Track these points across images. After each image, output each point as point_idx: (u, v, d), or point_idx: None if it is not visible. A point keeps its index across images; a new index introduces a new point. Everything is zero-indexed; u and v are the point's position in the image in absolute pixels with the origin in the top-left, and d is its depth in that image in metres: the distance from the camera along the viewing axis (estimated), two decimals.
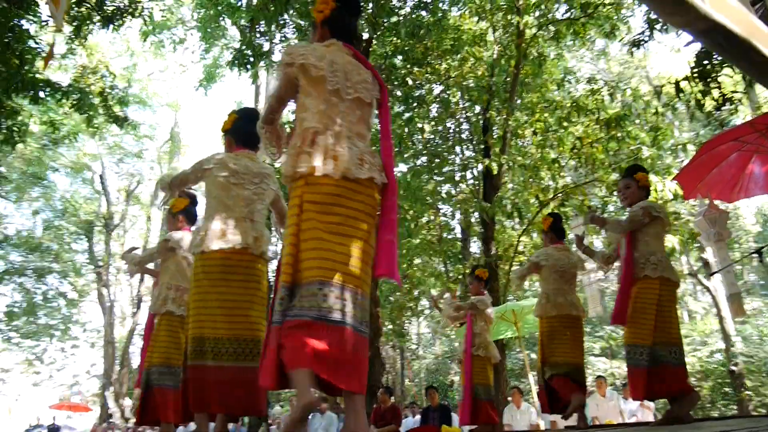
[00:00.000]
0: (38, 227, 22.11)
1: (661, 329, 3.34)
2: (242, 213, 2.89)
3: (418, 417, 9.23)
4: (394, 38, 9.85)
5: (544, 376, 4.22)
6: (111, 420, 16.33)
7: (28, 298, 21.59)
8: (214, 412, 2.79)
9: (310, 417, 7.73)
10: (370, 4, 9.63)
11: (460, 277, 11.50)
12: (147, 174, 23.83)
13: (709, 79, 6.12)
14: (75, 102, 9.82)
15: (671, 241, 7.54)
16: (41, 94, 9.14)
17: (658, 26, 7.06)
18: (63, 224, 22.28)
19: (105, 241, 21.50)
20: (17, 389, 26.74)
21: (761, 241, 24.53)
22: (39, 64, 9.19)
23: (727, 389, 14.55)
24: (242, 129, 3.15)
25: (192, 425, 3.49)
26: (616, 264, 3.84)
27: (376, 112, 2.31)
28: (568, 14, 10.17)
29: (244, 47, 8.86)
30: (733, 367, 13.41)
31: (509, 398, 8.47)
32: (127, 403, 18.86)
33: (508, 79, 10.62)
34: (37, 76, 9.07)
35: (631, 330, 3.42)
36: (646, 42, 7.42)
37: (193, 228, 3.93)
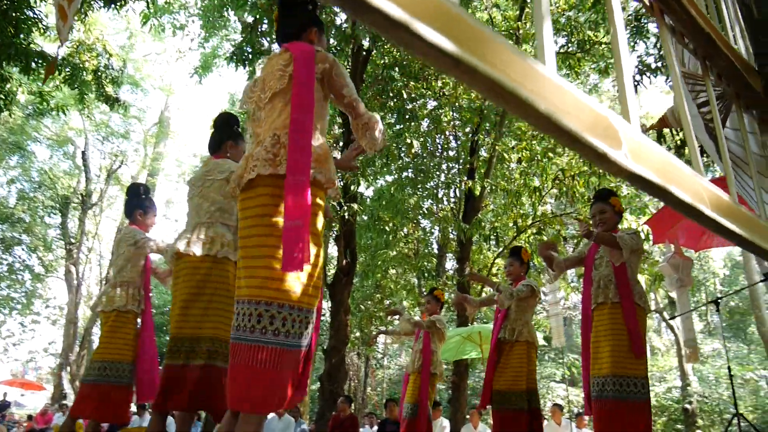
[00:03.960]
0: (12, 197, 21.78)
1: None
2: (194, 221, 3.00)
3: (375, 428, 9.28)
4: (395, 50, 9.98)
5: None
6: (64, 402, 16.05)
7: None
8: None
9: (268, 419, 7.72)
10: None
11: None
12: (131, 155, 23.63)
13: None
14: (67, 77, 9.75)
15: (639, 278, 7.71)
16: (33, 64, 9.08)
17: (648, 72, 7.29)
18: (38, 196, 21.93)
19: (80, 218, 21.20)
20: None
21: (727, 285, 25.13)
22: (35, 35, 9.14)
23: (679, 426, 14.87)
24: (211, 136, 3.27)
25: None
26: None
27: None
28: (566, 48, 10.40)
29: (244, 44, 8.91)
30: (687, 405, 13.74)
31: (467, 417, 8.58)
32: None
33: None
34: (31, 46, 9.00)
35: (643, 362, 3.29)
36: (637, 85, 7.64)
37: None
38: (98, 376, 3.64)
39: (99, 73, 10.29)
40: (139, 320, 3.84)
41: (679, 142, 6.28)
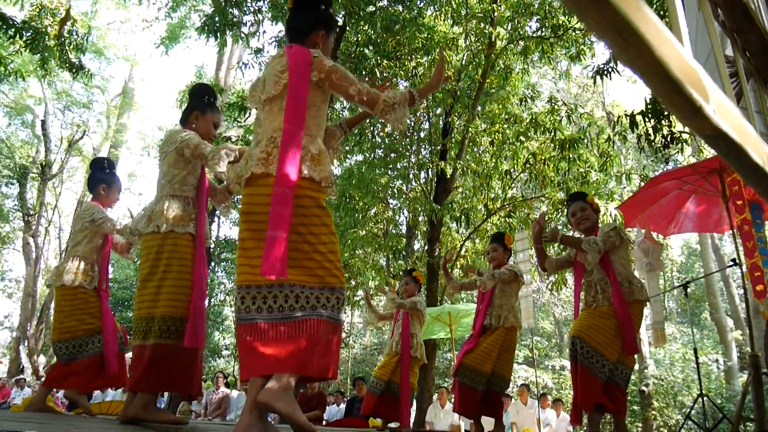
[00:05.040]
0: None
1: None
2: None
3: (342, 406, 9.33)
4: (369, 28, 9.85)
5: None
6: (22, 377, 15.65)
7: None
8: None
9: (236, 395, 7.67)
10: None
11: (400, 273, 11.65)
12: (93, 126, 22.90)
13: (661, 117, 6.44)
14: (29, 41, 9.34)
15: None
16: None
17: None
18: None
19: (39, 189, 20.53)
20: None
21: (684, 272, 25.98)
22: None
23: (635, 407, 15.36)
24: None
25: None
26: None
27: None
28: (539, 32, 10.42)
29: (216, 15, 8.67)
30: (644, 388, 14.18)
31: (435, 396, 8.68)
32: (42, 360, 18.12)
33: (473, 85, 10.81)
34: None
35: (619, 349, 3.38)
36: (611, 72, 7.72)
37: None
38: (72, 355, 3.61)
39: (62, 39, 9.88)
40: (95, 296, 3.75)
41: (650, 130, 6.38)
